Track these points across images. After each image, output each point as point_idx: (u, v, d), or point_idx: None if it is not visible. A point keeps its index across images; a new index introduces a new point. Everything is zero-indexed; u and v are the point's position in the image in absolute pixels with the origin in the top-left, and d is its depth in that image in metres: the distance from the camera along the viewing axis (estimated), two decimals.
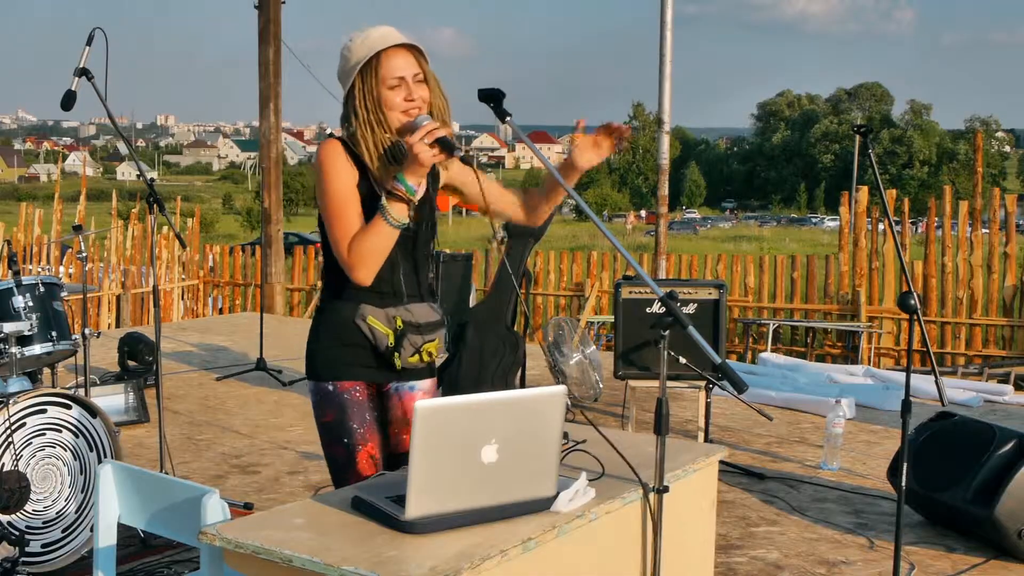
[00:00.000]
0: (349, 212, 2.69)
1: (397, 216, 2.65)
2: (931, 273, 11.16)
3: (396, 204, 2.64)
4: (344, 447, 2.80)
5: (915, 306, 3.49)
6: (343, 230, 2.69)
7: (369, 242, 2.66)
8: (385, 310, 2.77)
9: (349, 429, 2.79)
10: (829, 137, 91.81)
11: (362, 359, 2.79)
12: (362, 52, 2.70)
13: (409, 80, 2.70)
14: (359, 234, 2.67)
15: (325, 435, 2.84)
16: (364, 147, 2.70)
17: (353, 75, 2.70)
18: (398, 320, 2.78)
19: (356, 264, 2.68)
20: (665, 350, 2.52)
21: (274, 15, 11.39)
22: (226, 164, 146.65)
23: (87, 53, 4.37)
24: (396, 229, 2.66)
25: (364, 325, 2.76)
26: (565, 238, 46.89)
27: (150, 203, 4.44)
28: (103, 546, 2.69)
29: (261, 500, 5.03)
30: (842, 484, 5.46)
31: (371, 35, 2.72)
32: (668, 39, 9.31)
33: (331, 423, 2.81)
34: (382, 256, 2.69)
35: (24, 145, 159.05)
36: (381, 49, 2.69)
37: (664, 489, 2.46)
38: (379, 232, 2.65)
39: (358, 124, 2.71)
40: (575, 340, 7.25)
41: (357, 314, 2.76)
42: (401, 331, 2.77)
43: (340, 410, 2.79)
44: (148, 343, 7.32)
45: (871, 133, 3.87)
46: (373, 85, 2.69)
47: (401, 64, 2.70)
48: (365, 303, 2.76)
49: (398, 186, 2.64)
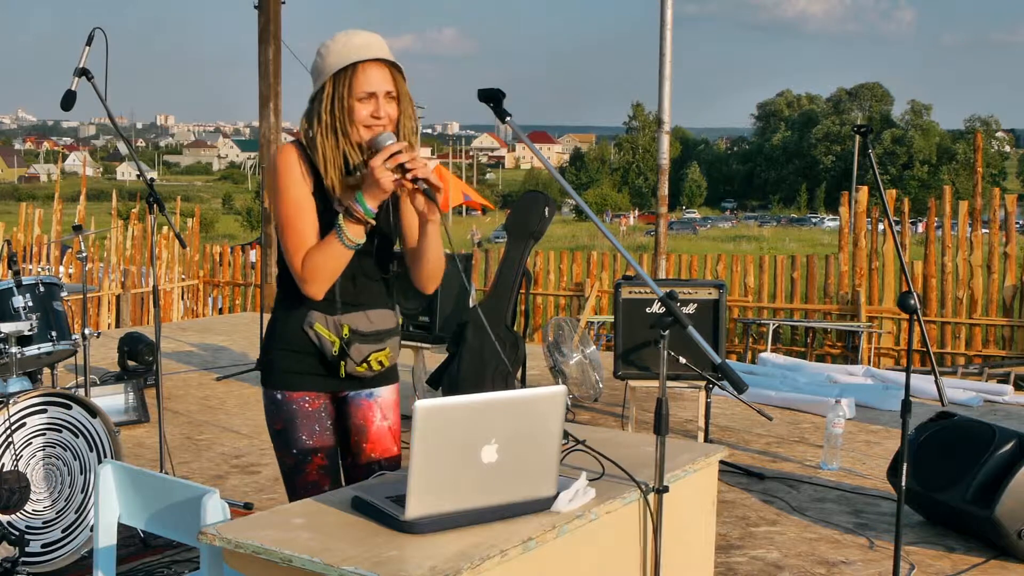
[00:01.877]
0: (303, 223, 2.64)
1: (352, 237, 2.59)
2: (931, 273, 11.16)
3: (353, 225, 2.58)
4: (293, 456, 2.78)
5: (915, 306, 3.49)
6: (296, 241, 2.64)
7: (322, 259, 2.61)
8: (334, 317, 2.72)
9: (297, 439, 2.76)
10: (829, 137, 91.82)
11: (312, 367, 2.75)
12: (340, 57, 2.63)
13: (380, 96, 2.63)
14: (313, 250, 2.62)
15: (275, 442, 2.81)
16: (320, 153, 2.63)
17: (325, 78, 2.63)
18: (345, 328, 2.72)
19: (308, 279, 2.63)
20: (665, 350, 2.52)
21: (274, 15, 11.40)
22: (226, 164, 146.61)
23: (87, 53, 4.38)
24: (351, 250, 2.62)
25: (312, 332, 2.71)
26: (565, 238, 46.91)
27: (150, 203, 4.44)
28: (103, 546, 2.69)
29: (261, 500, 5.03)
30: (842, 484, 5.46)
31: (353, 41, 2.65)
32: (668, 39, 9.31)
33: (280, 431, 2.78)
34: (335, 273, 2.64)
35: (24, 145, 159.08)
36: (359, 60, 2.62)
37: (664, 489, 2.46)
38: (333, 252, 2.61)
39: (319, 129, 2.64)
40: (575, 340, 7.25)
41: (305, 321, 2.71)
42: (347, 339, 2.72)
43: (289, 420, 2.76)
44: (148, 343, 7.32)
45: (871, 133, 3.87)
46: (344, 94, 2.61)
47: (376, 78, 2.62)
48: (314, 310, 2.71)
49: (356, 207, 2.57)
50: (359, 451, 2.85)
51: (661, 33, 9.33)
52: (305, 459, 2.77)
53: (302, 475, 2.76)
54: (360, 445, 2.85)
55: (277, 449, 2.81)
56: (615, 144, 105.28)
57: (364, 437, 2.84)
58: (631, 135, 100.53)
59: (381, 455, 2.84)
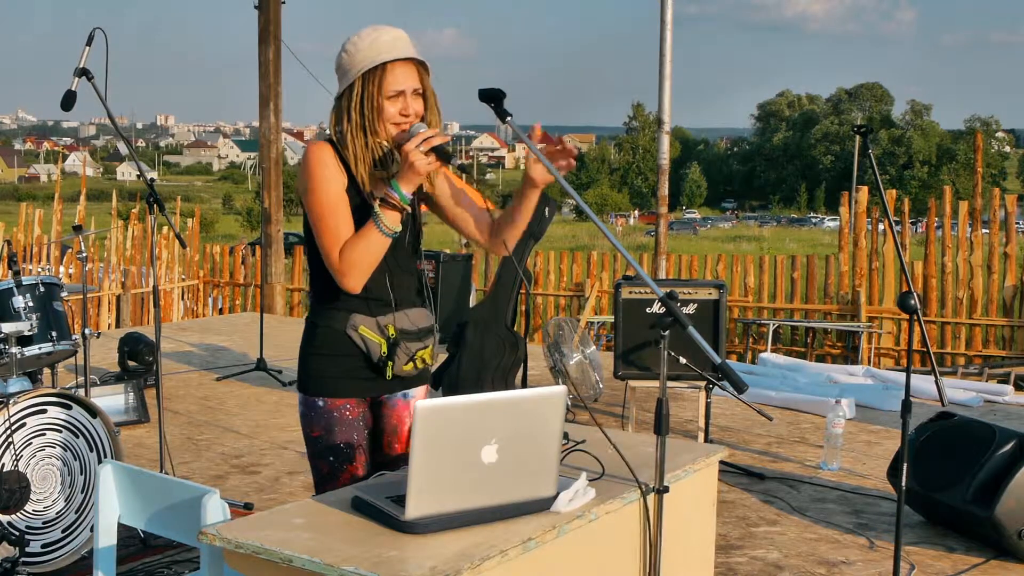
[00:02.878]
0: (338, 219, 2.65)
1: (390, 224, 2.62)
2: (931, 273, 11.16)
3: (389, 212, 2.62)
4: (328, 464, 2.77)
5: (915, 306, 3.49)
6: (332, 237, 2.65)
7: (360, 250, 2.63)
8: (376, 318, 2.72)
9: (335, 447, 2.75)
10: (829, 138, 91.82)
11: (355, 371, 2.75)
12: (369, 57, 2.64)
13: (408, 94, 2.67)
14: (350, 241, 2.64)
15: (311, 447, 2.81)
16: (352, 151, 2.66)
17: (354, 77, 2.66)
18: (390, 328, 2.73)
19: (347, 271, 2.64)
20: (665, 350, 2.52)
21: (274, 15, 11.40)
22: (226, 164, 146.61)
23: (87, 53, 4.37)
24: (389, 237, 2.64)
25: (356, 335, 2.71)
26: (565, 238, 46.90)
27: (150, 203, 4.44)
28: (103, 546, 2.69)
29: (261, 500, 5.03)
30: (842, 484, 5.46)
31: (381, 39, 2.67)
32: (668, 39, 9.31)
33: (318, 438, 2.78)
34: (373, 264, 2.66)
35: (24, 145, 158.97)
36: (388, 60, 2.65)
37: (664, 489, 2.46)
38: (371, 240, 2.62)
39: (349, 127, 2.66)
40: (575, 340, 7.25)
41: (348, 324, 2.71)
42: (394, 339, 2.73)
43: (328, 428, 2.76)
44: (148, 343, 7.32)
45: (871, 133, 3.87)
46: (374, 93, 2.64)
47: (403, 77, 2.66)
48: (356, 312, 2.71)
49: (392, 194, 2.61)
50: (390, 451, 2.87)
51: (661, 33, 9.33)
52: (341, 467, 2.76)
53: (336, 482, 2.74)
54: (392, 446, 2.86)
55: (313, 455, 2.80)
56: (615, 144, 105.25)
57: (396, 438, 2.86)
58: (631, 135, 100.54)
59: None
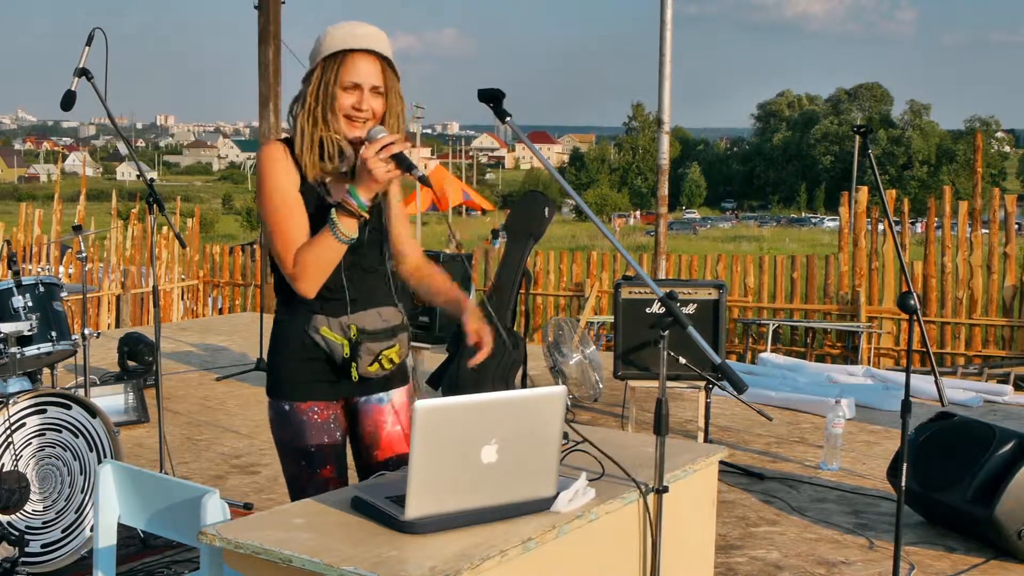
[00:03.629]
0: (290, 221, 2.58)
1: (346, 231, 2.54)
2: (931, 273, 11.16)
3: (346, 219, 2.54)
4: (300, 468, 2.71)
5: (915, 306, 3.49)
6: (285, 239, 2.58)
7: (314, 255, 2.55)
8: (338, 319, 2.64)
9: (305, 451, 2.69)
10: (829, 138, 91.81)
11: (320, 374, 2.68)
12: (334, 43, 2.59)
13: (365, 89, 2.59)
14: (305, 247, 2.57)
15: (281, 452, 2.74)
16: (300, 138, 2.60)
17: (316, 62, 2.61)
18: (352, 328, 2.65)
19: (299, 276, 2.57)
20: (665, 350, 2.52)
21: (274, 15, 11.39)
22: (226, 164, 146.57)
23: (87, 53, 4.38)
24: (344, 244, 2.56)
25: (318, 336, 2.64)
26: (565, 238, 46.90)
27: (150, 203, 4.44)
28: (103, 546, 2.69)
29: (261, 500, 5.03)
30: (842, 484, 5.46)
31: (355, 31, 2.61)
32: (668, 39, 9.31)
33: (286, 442, 2.71)
34: (327, 269, 2.58)
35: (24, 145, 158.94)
36: (350, 49, 2.58)
37: (664, 489, 2.46)
38: (326, 246, 2.55)
39: (302, 112, 2.60)
40: (575, 340, 7.25)
41: (310, 326, 2.64)
42: (356, 340, 2.65)
43: (297, 432, 2.68)
44: (148, 343, 7.33)
45: (871, 133, 3.87)
46: (330, 80, 2.58)
47: (364, 70, 2.58)
48: (317, 314, 2.64)
49: (350, 201, 2.53)
50: (370, 457, 2.80)
51: (661, 33, 9.33)
52: (313, 471, 2.70)
53: (308, 487, 2.68)
54: (371, 452, 2.79)
55: (284, 459, 2.75)
56: (615, 144, 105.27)
57: (375, 443, 2.79)
58: (631, 135, 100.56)
59: (389, 457, 2.79)
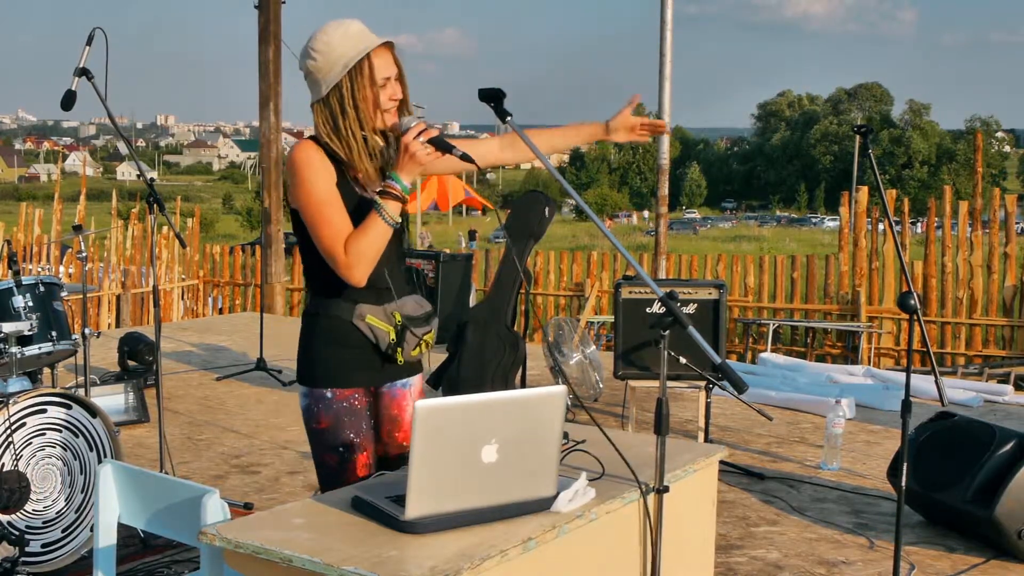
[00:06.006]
0: (336, 213, 2.67)
1: (392, 214, 2.66)
2: (931, 273, 11.16)
3: (391, 203, 2.65)
4: (338, 455, 2.77)
5: (915, 306, 3.49)
6: (332, 232, 2.66)
7: (366, 242, 2.65)
8: (382, 307, 2.76)
9: (345, 438, 2.76)
10: (829, 137, 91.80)
11: (363, 362, 2.77)
12: (347, 52, 2.67)
13: (392, 79, 2.73)
14: (355, 234, 2.65)
15: (317, 442, 2.80)
16: (352, 147, 2.70)
17: (340, 75, 2.67)
18: (396, 316, 2.77)
19: (354, 264, 2.65)
20: (665, 350, 2.52)
21: (274, 15, 11.39)
22: (226, 164, 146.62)
23: (87, 53, 4.37)
24: (392, 227, 2.68)
25: (363, 325, 2.74)
26: (565, 238, 46.92)
27: (150, 203, 4.44)
28: (103, 546, 2.69)
29: (261, 500, 5.03)
30: (842, 484, 5.46)
31: (350, 32, 2.70)
32: (668, 39, 9.30)
33: (326, 430, 2.77)
34: (377, 255, 2.68)
35: (24, 145, 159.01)
36: (371, 48, 2.68)
37: (664, 489, 2.46)
38: (376, 231, 2.65)
39: (345, 123, 2.69)
40: (575, 340, 7.25)
41: (355, 315, 2.73)
42: (402, 326, 2.77)
43: (336, 418, 2.76)
44: (148, 343, 7.32)
45: (871, 133, 3.87)
46: (365, 85, 2.68)
47: (386, 63, 2.72)
48: (361, 303, 2.74)
49: (393, 185, 2.65)
50: (391, 440, 2.89)
51: (661, 33, 9.32)
52: (351, 458, 2.76)
53: (346, 475, 2.74)
54: (393, 435, 2.89)
55: (318, 449, 2.80)
56: (615, 144, 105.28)
57: (397, 427, 2.88)
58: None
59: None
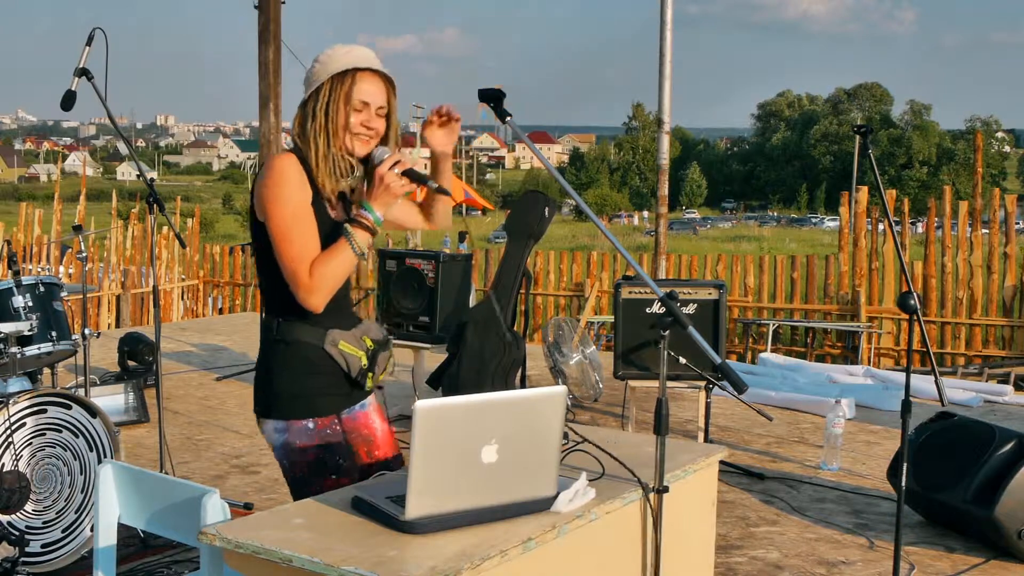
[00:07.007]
0: (305, 232, 2.60)
1: (361, 244, 2.60)
2: (931, 273, 11.16)
3: (361, 232, 2.60)
4: (333, 481, 2.68)
5: (915, 306, 3.49)
6: (300, 252, 2.58)
7: (331, 268, 2.58)
8: (351, 332, 2.71)
9: (335, 464, 2.69)
10: (829, 138, 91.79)
11: (334, 388, 2.70)
12: (342, 62, 2.66)
13: (373, 108, 2.68)
14: (321, 258, 2.59)
15: (308, 473, 2.71)
16: (313, 153, 2.64)
17: (324, 79, 2.65)
18: (367, 340, 2.73)
19: (315, 289, 2.57)
20: (665, 350, 2.52)
21: (274, 15, 11.38)
22: (226, 164, 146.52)
23: (87, 53, 4.38)
24: (359, 258, 2.62)
25: (335, 352, 2.67)
26: (565, 238, 46.92)
27: (150, 203, 4.44)
28: (103, 546, 2.69)
29: (261, 500, 5.03)
30: (842, 484, 5.46)
31: (356, 51, 2.70)
32: (668, 39, 9.32)
33: (314, 462, 2.69)
34: (339, 283, 2.63)
35: (24, 145, 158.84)
36: (361, 67, 2.66)
37: (664, 489, 2.46)
38: (343, 258, 2.59)
39: (313, 128, 2.64)
40: (575, 340, 7.25)
41: (327, 341, 2.66)
42: (373, 351, 2.73)
43: (324, 447, 2.68)
44: (148, 343, 7.32)
45: (871, 133, 3.86)
46: (339, 98, 2.65)
47: (372, 91, 2.68)
48: (332, 328, 2.68)
49: (366, 215, 2.60)
50: (371, 459, 2.80)
51: (661, 33, 9.33)
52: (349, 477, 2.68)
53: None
54: (372, 454, 2.81)
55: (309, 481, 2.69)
56: (615, 144, 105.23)
57: (373, 445, 2.79)
58: (631, 135, 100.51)
59: (390, 456, 2.82)
